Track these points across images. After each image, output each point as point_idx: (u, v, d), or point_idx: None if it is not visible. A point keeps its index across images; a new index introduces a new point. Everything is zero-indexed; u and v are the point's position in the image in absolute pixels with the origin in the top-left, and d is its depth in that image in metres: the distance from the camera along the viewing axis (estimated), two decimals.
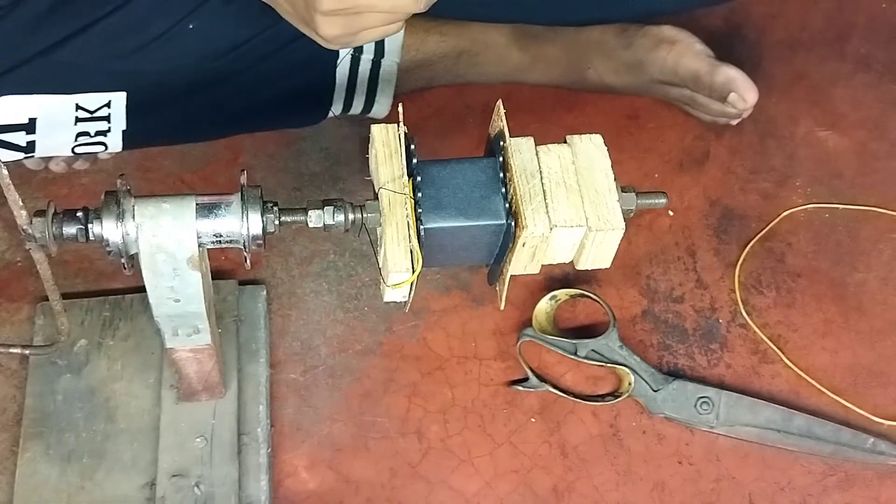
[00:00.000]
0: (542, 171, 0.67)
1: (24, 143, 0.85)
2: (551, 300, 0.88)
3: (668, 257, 0.94)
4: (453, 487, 0.81)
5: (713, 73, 0.94)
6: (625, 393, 0.84)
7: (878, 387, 0.87)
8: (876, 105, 1.06)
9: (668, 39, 0.97)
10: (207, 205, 0.62)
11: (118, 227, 0.62)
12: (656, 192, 0.69)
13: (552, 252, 0.67)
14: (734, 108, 0.94)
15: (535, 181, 0.66)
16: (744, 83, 0.93)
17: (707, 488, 0.82)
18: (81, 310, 0.85)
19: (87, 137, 0.86)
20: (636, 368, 0.85)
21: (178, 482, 0.77)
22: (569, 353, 0.86)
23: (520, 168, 0.66)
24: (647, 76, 0.98)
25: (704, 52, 0.96)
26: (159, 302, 0.66)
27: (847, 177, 1.00)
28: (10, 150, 0.86)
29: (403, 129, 0.66)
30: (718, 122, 1.00)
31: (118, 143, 0.88)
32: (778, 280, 0.93)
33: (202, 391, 0.78)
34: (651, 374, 0.85)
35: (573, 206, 0.66)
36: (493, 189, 0.65)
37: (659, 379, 0.85)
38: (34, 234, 0.62)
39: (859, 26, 1.11)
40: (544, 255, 0.66)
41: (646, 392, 0.85)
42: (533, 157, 0.67)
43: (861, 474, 0.83)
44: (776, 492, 0.82)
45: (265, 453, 0.80)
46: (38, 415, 0.80)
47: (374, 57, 0.96)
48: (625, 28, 0.98)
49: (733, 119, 0.99)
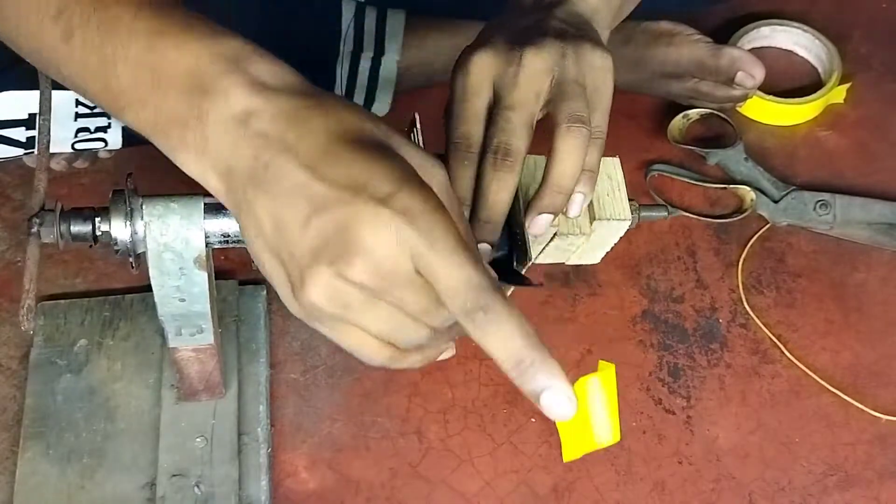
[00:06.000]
0: None
1: (24, 138, 0.86)
2: (683, 118, 1.00)
3: (668, 257, 0.94)
4: (453, 487, 0.81)
5: (717, 55, 0.95)
6: (748, 209, 0.94)
7: (879, 386, 0.87)
8: (876, 105, 1.06)
9: (666, 32, 0.97)
10: (216, 205, 0.62)
11: (126, 225, 0.62)
12: (658, 206, 0.72)
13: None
14: (742, 86, 0.95)
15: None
16: (750, 60, 0.95)
17: (707, 488, 0.82)
18: (81, 310, 0.85)
19: (87, 133, 0.86)
20: (759, 178, 0.96)
21: (178, 482, 0.76)
22: (694, 171, 0.98)
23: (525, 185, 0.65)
24: (648, 71, 0.98)
25: (703, 40, 0.97)
26: (165, 301, 0.66)
27: (847, 177, 1.00)
28: (10, 146, 0.86)
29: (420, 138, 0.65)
30: (725, 108, 1.01)
31: (118, 140, 0.88)
32: (778, 280, 0.93)
33: (203, 391, 0.78)
34: (773, 184, 0.95)
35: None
36: None
37: (781, 187, 0.96)
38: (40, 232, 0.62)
39: (859, 26, 1.12)
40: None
41: (767, 204, 0.95)
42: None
43: (861, 474, 0.83)
44: (776, 492, 0.82)
45: (265, 453, 0.80)
46: (38, 415, 0.80)
47: (375, 55, 0.96)
48: (622, 26, 0.98)
49: (739, 102, 0.99)
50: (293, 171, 0.48)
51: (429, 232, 0.46)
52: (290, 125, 0.49)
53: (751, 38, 1.08)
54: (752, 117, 1.04)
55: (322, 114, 0.49)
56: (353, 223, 0.47)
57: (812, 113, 1.04)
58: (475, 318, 0.46)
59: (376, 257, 0.47)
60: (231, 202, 0.51)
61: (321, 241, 0.47)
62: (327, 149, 0.48)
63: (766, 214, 0.96)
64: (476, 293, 0.46)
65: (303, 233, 0.48)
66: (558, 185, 0.61)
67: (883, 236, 0.95)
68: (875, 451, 0.84)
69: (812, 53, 1.08)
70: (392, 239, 0.46)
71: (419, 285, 0.48)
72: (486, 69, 0.61)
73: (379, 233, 0.46)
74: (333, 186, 0.47)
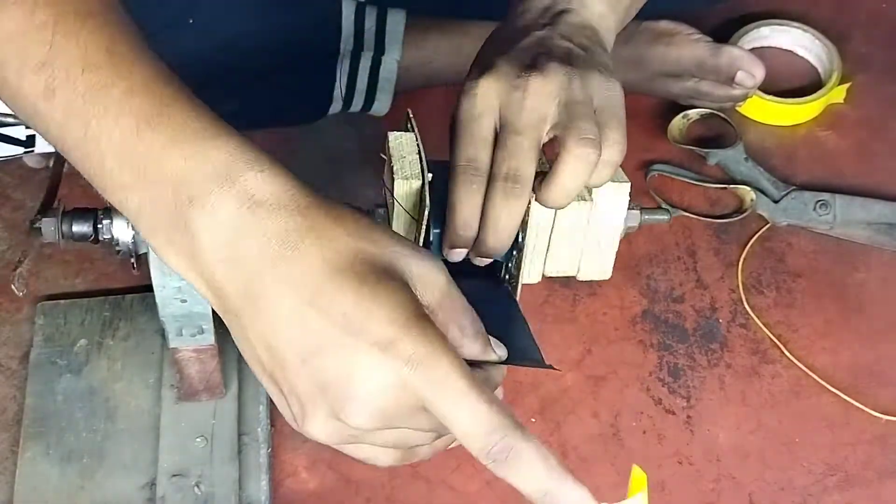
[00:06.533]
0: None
1: (24, 137, 0.86)
2: (683, 118, 1.01)
3: (668, 257, 0.94)
4: (453, 487, 0.81)
5: (717, 55, 0.95)
6: (748, 209, 0.94)
7: (879, 386, 0.87)
8: (876, 105, 1.06)
9: (666, 32, 0.97)
10: None
11: (129, 226, 0.62)
12: (660, 209, 0.72)
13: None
14: (742, 86, 0.95)
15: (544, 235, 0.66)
16: (749, 60, 0.95)
17: (707, 488, 0.82)
18: (81, 310, 0.85)
19: None
20: (759, 178, 0.96)
21: (179, 482, 0.76)
22: (694, 171, 0.98)
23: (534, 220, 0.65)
24: (648, 71, 0.98)
25: (703, 40, 0.97)
26: (166, 302, 0.66)
27: (847, 177, 1.00)
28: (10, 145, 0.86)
29: (420, 143, 0.64)
30: (725, 108, 1.01)
31: None
32: (778, 280, 0.93)
33: (203, 391, 0.78)
34: (773, 184, 0.95)
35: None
36: None
37: (781, 187, 0.95)
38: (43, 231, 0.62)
39: (859, 26, 1.12)
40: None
41: (767, 204, 0.95)
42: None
43: (861, 474, 0.83)
44: (776, 492, 0.82)
45: (265, 453, 0.80)
46: (38, 415, 0.80)
47: (375, 54, 0.96)
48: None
49: (739, 101, 1.00)
50: (288, 304, 0.46)
51: (436, 380, 0.45)
52: (282, 252, 0.46)
53: (751, 38, 1.08)
54: (752, 117, 1.04)
55: (315, 239, 0.46)
56: (354, 370, 0.45)
57: (812, 113, 1.04)
58: (498, 459, 0.45)
59: (379, 405, 0.45)
60: (224, 319, 0.49)
61: (320, 384, 0.46)
62: (323, 283, 0.46)
63: (766, 214, 0.96)
64: (497, 437, 0.45)
65: (300, 370, 0.46)
66: (552, 202, 0.60)
67: (883, 236, 0.95)
68: (875, 451, 0.84)
69: (812, 53, 1.08)
70: (396, 388, 0.45)
71: (425, 415, 0.46)
72: (493, 94, 0.60)
73: (382, 382, 0.45)
74: (331, 327, 0.45)
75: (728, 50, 0.96)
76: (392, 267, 0.47)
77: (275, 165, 0.48)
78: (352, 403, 0.45)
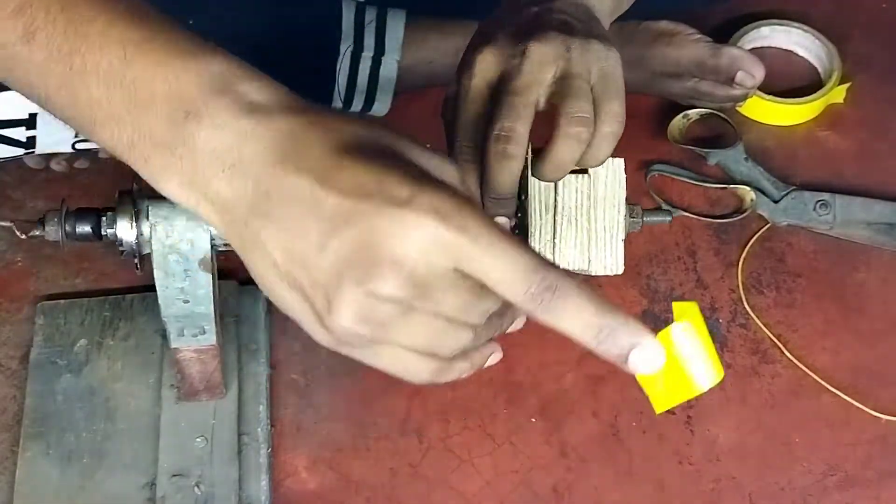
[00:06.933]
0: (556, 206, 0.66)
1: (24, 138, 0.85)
2: (683, 118, 1.00)
3: (668, 257, 0.94)
4: (453, 487, 0.81)
5: (717, 55, 0.95)
6: (748, 209, 0.94)
7: (879, 386, 0.87)
8: (876, 105, 1.06)
9: (666, 32, 0.97)
10: None
11: (132, 226, 0.62)
12: (662, 210, 0.73)
13: None
14: (742, 86, 0.95)
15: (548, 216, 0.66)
16: (750, 60, 0.95)
17: (707, 488, 0.82)
18: (81, 310, 0.85)
19: None
20: (759, 178, 0.96)
21: (179, 482, 0.76)
22: (694, 171, 0.98)
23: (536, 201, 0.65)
24: (648, 71, 0.98)
25: (703, 40, 0.97)
26: (169, 303, 0.66)
27: (847, 177, 1.00)
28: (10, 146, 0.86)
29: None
30: (725, 108, 1.01)
31: None
32: (778, 280, 0.93)
33: (203, 391, 0.78)
34: (773, 184, 0.95)
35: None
36: None
37: (781, 187, 0.95)
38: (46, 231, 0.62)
39: (859, 26, 1.12)
40: None
41: (767, 204, 0.95)
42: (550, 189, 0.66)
43: (861, 474, 0.83)
44: (776, 492, 0.82)
45: (265, 453, 0.80)
46: (38, 415, 0.80)
47: (375, 55, 0.96)
48: (622, 25, 0.98)
49: (739, 101, 1.00)
50: (299, 192, 0.45)
51: (465, 227, 0.43)
52: (289, 145, 0.46)
53: (751, 38, 1.08)
54: (752, 117, 1.04)
55: (322, 129, 0.46)
56: (376, 234, 0.43)
57: (812, 113, 1.04)
58: (543, 300, 0.43)
59: (409, 265, 0.44)
60: (231, 236, 0.48)
61: (344, 261, 0.44)
62: (333, 162, 0.45)
63: (766, 214, 0.96)
64: (540, 275, 0.43)
65: (321, 256, 0.44)
66: (547, 175, 0.62)
67: (883, 236, 0.95)
68: (875, 451, 0.84)
69: (812, 53, 1.08)
70: (425, 242, 0.43)
71: (457, 283, 0.45)
72: (492, 66, 0.60)
73: (408, 238, 0.43)
74: (347, 198, 0.44)
75: (728, 50, 0.96)
76: (401, 153, 0.47)
77: (269, 78, 0.48)
78: (380, 269, 0.44)
